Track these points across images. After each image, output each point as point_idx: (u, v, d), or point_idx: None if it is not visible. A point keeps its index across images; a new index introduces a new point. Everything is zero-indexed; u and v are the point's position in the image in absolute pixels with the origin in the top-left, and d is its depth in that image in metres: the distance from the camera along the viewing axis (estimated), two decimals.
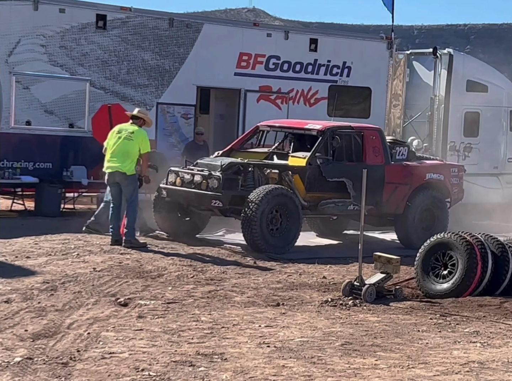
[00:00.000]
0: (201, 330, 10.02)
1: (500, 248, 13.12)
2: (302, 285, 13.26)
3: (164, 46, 21.85)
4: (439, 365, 8.78)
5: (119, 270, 13.62)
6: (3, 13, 20.20)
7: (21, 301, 11.24)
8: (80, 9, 21.14)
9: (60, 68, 20.72)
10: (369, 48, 24.82)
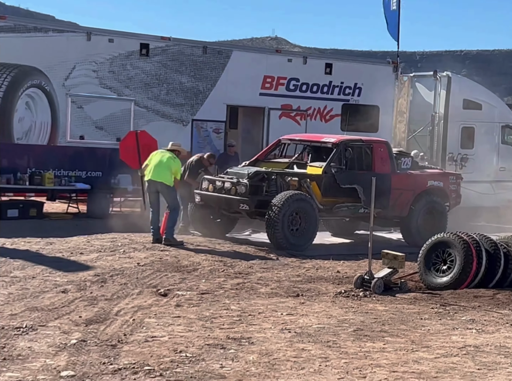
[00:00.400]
0: (230, 317, 10.08)
1: (493, 246, 13.13)
2: (318, 278, 13.29)
3: (199, 70, 21.96)
4: (440, 349, 8.79)
5: (160, 265, 13.69)
6: (60, 43, 20.34)
7: (76, 291, 11.32)
8: (126, 39, 21.29)
9: (109, 90, 20.86)
10: (377, 71, 24.84)
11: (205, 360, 7.92)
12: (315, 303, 11.21)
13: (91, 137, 20.69)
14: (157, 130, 20.88)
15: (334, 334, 9.32)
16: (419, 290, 12.63)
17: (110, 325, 9.39)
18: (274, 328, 9.52)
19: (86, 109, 20.64)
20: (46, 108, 20.18)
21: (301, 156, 18.18)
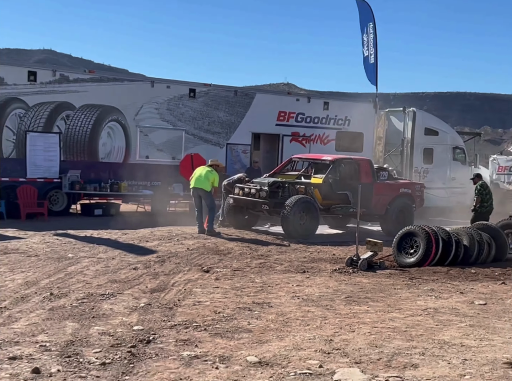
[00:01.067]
0: (255, 287, 10.09)
1: (447, 235, 13.08)
2: (319, 259, 13.28)
3: (231, 107, 22.00)
4: (408, 310, 8.80)
5: (203, 249, 13.71)
6: (132, 89, 20.65)
7: (143, 268, 11.35)
8: (179, 85, 21.37)
9: (167, 122, 20.94)
10: (361, 107, 24.77)
11: (237, 319, 7.96)
12: (317, 277, 11.20)
13: (153, 157, 20.78)
14: (201, 151, 21.00)
15: (330, 300, 9.34)
16: (393, 267, 12.61)
17: (168, 293, 9.43)
18: (287, 296, 9.54)
19: (150, 137, 20.74)
20: (122, 136, 20.30)
21: (307, 170, 18.17)
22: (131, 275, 10.68)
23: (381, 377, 5.72)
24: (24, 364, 5.93)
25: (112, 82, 20.54)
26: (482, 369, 6.07)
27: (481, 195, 16.91)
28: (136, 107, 20.48)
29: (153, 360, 6.18)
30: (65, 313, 7.95)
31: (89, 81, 20.03)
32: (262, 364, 6.09)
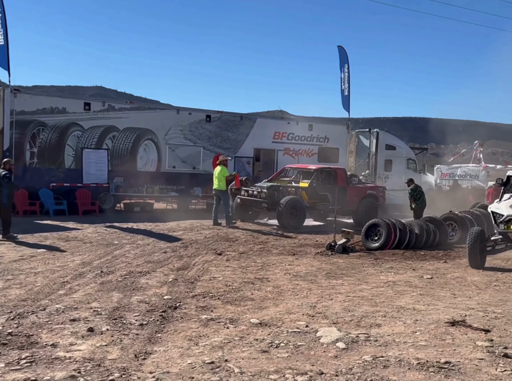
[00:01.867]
0: (257, 266, 10.01)
1: (403, 225, 13.03)
2: (306, 245, 13.19)
3: (238, 129, 21.88)
4: (373, 283, 8.74)
5: (217, 237, 13.61)
6: (162, 115, 20.55)
7: (171, 252, 11.29)
8: (198, 112, 21.25)
9: (189, 140, 20.81)
10: (338, 129, 24.66)
11: (243, 290, 7.92)
12: (304, 259, 11.14)
13: (179, 167, 20.64)
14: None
15: (314, 276, 9.28)
16: (362, 251, 12.47)
17: (190, 271, 9.38)
18: (281, 273, 9.48)
19: (176, 151, 20.61)
20: (155, 151, 20.20)
21: (296, 176, 18.04)
22: (162, 257, 10.64)
23: (353, 334, 5.71)
24: (82, 325, 5.94)
25: (147, 110, 20.48)
26: (429, 327, 6.06)
27: (412, 196, 17.08)
28: (166, 129, 20.38)
29: (179, 321, 6.18)
30: (112, 286, 7.95)
31: (130, 110, 19.99)
32: (262, 325, 6.09)
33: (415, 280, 9.09)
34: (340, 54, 26.02)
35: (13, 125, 17.21)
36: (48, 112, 18.22)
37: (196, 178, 20.68)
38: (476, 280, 9.18)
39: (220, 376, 4.52)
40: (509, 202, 10.51)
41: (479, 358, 4.96)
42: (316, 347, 5.27)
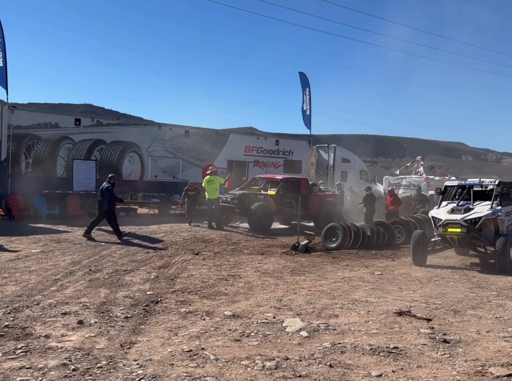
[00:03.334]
0: (230, 265, 9.94)
1: (357, 228, 13.14)
2: (273, 245, 13.14)
3: (213, 143, 21.80)
4: (331, 279, 8.75)
5: (194, 239, 13.47)
6: (146, 130, 20.33)
7: (153, 252, 11.13)
8: (177, 128, 21.06)
9: (169, 153, 20.63)
10: (300, 144, 24.75)
11: (217, 286, 7.87)
12: (271, 258, 11.10)
13: (160, 176, 20.43)
14: (193, 173, 20.87)
15: (280, 273, 9.26)
16: (322, 251, 12.47)
17: (170, 269, 9.28)
18: (251, 270, 9.43)
19: (158, 162, 20.41)
20: (138, 162, 19.98)
21: (265, 185, 17.94)
22: (145, 257, 10.50)
23: (314, 324, 5.73)
24: (72, 318, 5.82)
25: (132, 126, 20.24)
26: (380, 317, 6.12)
27: (365, 201, 17.51)
28: (148, 142, 20.18)
29: (160, 314, 6.10)
30: (100, 283, 7.82)
31: (116, 125, 19.76)
32: (234, 316, 6.06)
33: (368, 276, 9.16)
34: (301, 79, 26.19)
35: (10, 138, 16.93)
36: (42, 127, 17.93)
37: (176, 186, 20.47)
38: (419, 275, 9.32)
39: (198, 362, 4.49)
40: (447, 208, 10.70)
41: (422, 344, 5.03)
42: (283, 336, 5.26)
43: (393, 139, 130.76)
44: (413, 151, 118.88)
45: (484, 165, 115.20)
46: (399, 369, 4.27)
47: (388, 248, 13.33)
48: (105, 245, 11.87)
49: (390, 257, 11.81)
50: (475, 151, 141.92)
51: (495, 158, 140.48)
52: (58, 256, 10.22)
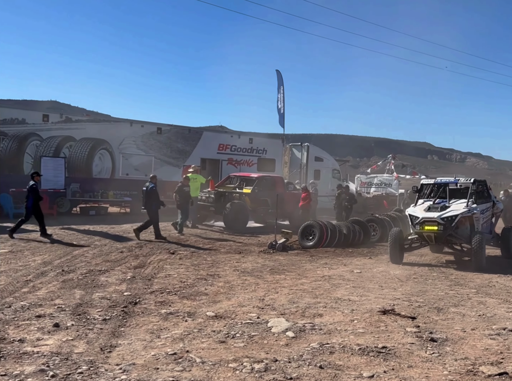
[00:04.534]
0: (208, 264, 9.76)
1: (333, 227, 13.09)
2: (250, 244, 12.97)
3: (186, 141, 21.54)
4: (312, 277, 8.68)
5: (170, 238, 13.16)
6: (116, 127, 19.95)
7: (127, 252, 10.87)
8: (150, 125, 20.81)
9: (141, 150, 20.31)
10: (274, 142, 24.72)
11: (197, 286, 7.70)
12: (249, 256, 10.93)
13: (132, 174, 20.03)
14: (165, 171, 20.61)
15: (260, 271, 9.12)
16: (299, 249, 12.37)
17: (146, 269, 9.06)
18: (230, 269, 9.26)
19: (130, 160, 20.04)
20: (109, 160, 19.60)
21: (240, 183, 17.69)
22: (119, 256, 10.23)
23: (300, 324, 5.63)
24: (47, 321, 5.58)
25: (102, 122, 19.91)
26: (364, 315, 6.06)
27: (337, 199, 17.81)
28: (120, 139, 19.81)
29: (140, 316, 5.91)
30: (74, 284, 7.56)
31: (86, 122, 19.38)
32: (217, 317, 5.91)
33: (347, 274, 9.11)
34: (277, 77, 26.17)
35: None
36: (8, 123, 17.42)
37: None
38: (397, 273, 9.32)
39: (183, 365, 4.33)
40: (423, 206, 10.76)
41: (410, 343, 4.98)
42: (269, 337, 5.14)
43: (361, 139, 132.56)
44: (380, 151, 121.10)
45: (449, 165, 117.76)
46: (390, 370, 4.20)
47: (364, 245, 13.35)
48: (77, 245, 11.53)
49: (367, 255, 11.79)
50: (440, 151, 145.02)
51: (459, 158, 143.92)
52: (28, 256, 9.87)
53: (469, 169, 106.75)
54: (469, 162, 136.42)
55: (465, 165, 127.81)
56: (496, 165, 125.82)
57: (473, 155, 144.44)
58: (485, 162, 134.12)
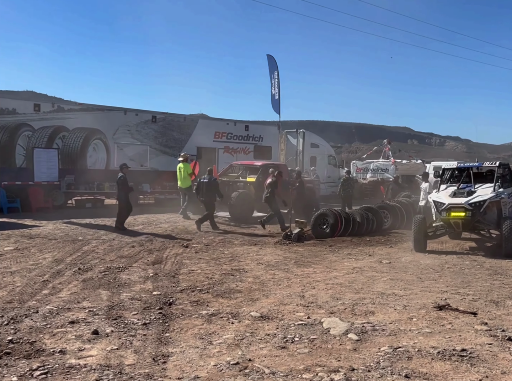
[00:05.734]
0: (227, 258, 9.35)
1: (346, 215, 12.73)
2: (262, 235, 12.50)
3: (182, 129, 20.99)
4: (342, 270, 8.31)
5: (177, 230, 12.81)
6: (111, 116, 19.26)
7: (138, 246, 10.40)
8: (144, 113, 20.20)
9: (136, 140, 19.73)
10: (271, 129, 24.30)
11: (226, 282, 7.29)
12: (267, 248, 10.51)
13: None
14: (161, 160, 20.13)
15: (285, 265, 8.72)
16: (312, 239, 11.87)
17: (165, 264, 8.61)
18: (252, 263, 8.86)
19: (125, 150, 19.45)
20: (104, 150, 19.01)
21: (243, 172, 17.21)
22: (132, 252, 9.76)
23: (357, 324, 5.24)
24: (84, 327, 5.13)
25: (95, 111, 19.16)
26: (420, 312, 5.69)
27: (343, 186, 17.58)
28: (114, 129, 19.20)
29: (181, 319, 5.48)
30: (96, 283, 7.09)
31: (79, 111, 18.68)
32: (264, 318, 5.51)
33: (377, 265, 8.75)
34: (269, 62, 25.60)
35: None
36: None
37: (144, 175, 19.63)
38: (428, 263, 8.99)
39: (253, 378, 3.91)
40: (448, 192, 10.43)
41: (488, 343, 4.62)
42: (331, 340, 4.75)
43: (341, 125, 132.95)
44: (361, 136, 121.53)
45: (429, 149, 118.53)
46: (484, 378, 3.84)
47: (378, 233, 13.00)
48: (84, 240, 11.01)
49: (386, 244, 11.43)
50: (420, 136, 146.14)
51: (439, 142, 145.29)
52: (36, 253, 9.35)
53: (448, 152, 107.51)
54: (448, 146, 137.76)
55: (445, 149, 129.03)
56: (475, 149, 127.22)
57: (452, 139, 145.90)
58: (464, 146, 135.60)
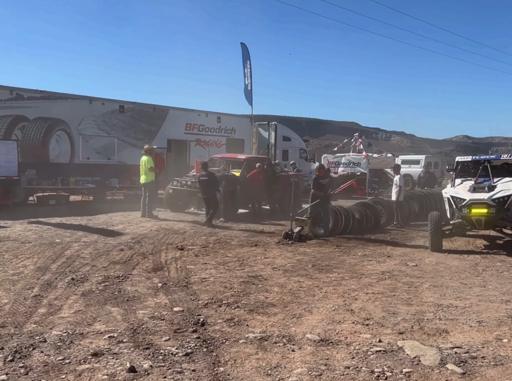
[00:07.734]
0: (234, 262, 8.37)
1: (346, 212, 12.03)
2: (257, 234, 11.55)
3: (151, 120, 19.75)
4: (371, 275, 7.51)
5: (163, 230, 11.64)
6: (75, 105, 17.78)
7: (128, 249, 9.25)
8: (111, 102, 18.81)
9: (103, 131, 18.36)
10: (243, 122, 23.33)
11: (251, 293, 6.34)
12: (272, 250, 9.59)
13: (93, 158, 18.09)
14: (129, 153, 18.81)
15: (303, 269, 7.83)
16: (311, 238, 11.06)
17: (169, 271, 7.56)
18: (266, 267, 7.93)
19: (90, 142, 18.05)
20: (67, 142, 17.54)
21: (225, 166, 16.11)
22: (123, 256, 8.62)
23: (446, 349, 4.38)
24: (113, 361, 4.08)
25: (58, 99, 17.65)
26: (504, 329, 4.95)
27: None
28: (78, 119, 17.78)
29: (227, 345, 4.50)
30: (99, 298, 6.00)
31: (40, 99, 17.10)
32: (326, 342, 4.60)
33: (405, 269, 8.00)
34: (242, 50, 24.64)
35: None
36: None
37: (112, 169, 18.34)
38: (457, 265, 8.32)
39: None
40: (465, 186, 9.80)
41: None
42: (431, 375, 3.88)
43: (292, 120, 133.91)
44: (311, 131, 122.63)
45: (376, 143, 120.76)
46: None
47: (376, 231, 12.42)
48: (62, 243, 9.75)
49: (395, 243, 10.75)
50: (367, 130, 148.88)
51: (385, 137, 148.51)
52: (12, 260, 8.09)
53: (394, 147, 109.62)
54: (394, 141, 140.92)
55: (390, 143, 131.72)
56: (419, 143, 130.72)
57: (397, 134, 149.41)
58: (409, 141, 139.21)
